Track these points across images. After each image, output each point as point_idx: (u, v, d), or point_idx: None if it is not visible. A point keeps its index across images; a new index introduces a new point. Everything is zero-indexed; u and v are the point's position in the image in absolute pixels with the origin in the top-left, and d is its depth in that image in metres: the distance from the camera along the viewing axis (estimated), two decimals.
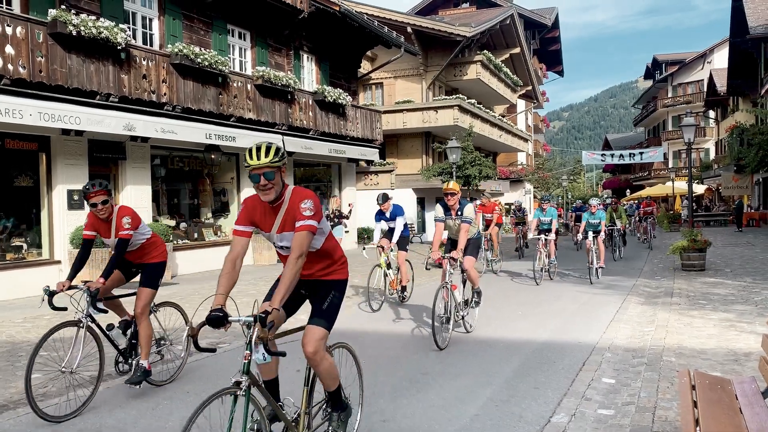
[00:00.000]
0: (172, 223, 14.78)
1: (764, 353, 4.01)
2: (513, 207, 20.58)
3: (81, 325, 4.83)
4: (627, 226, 19.42)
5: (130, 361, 5.25)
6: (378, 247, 9.78)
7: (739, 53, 29.89)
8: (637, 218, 24.99)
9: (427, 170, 23.17)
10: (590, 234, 12.99)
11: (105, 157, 12.77)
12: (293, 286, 3.34)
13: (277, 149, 3.42)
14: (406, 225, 9.93)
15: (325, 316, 3.65)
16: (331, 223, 15.37)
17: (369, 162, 22.49)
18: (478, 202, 15.59)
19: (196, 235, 15.45)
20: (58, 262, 11.78)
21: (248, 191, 16.58)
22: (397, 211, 9.89)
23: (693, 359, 6.22)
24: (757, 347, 6.62)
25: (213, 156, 15.22)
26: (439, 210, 7.48)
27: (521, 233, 18.83)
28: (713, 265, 14.10)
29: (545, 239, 12.56)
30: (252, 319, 3.05)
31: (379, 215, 10.05)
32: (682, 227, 24.24)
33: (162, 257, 5.51)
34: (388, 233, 10.00)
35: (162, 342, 5.68)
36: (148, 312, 5.27)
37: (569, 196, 53.46)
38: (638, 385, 5.42)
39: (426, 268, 8.35)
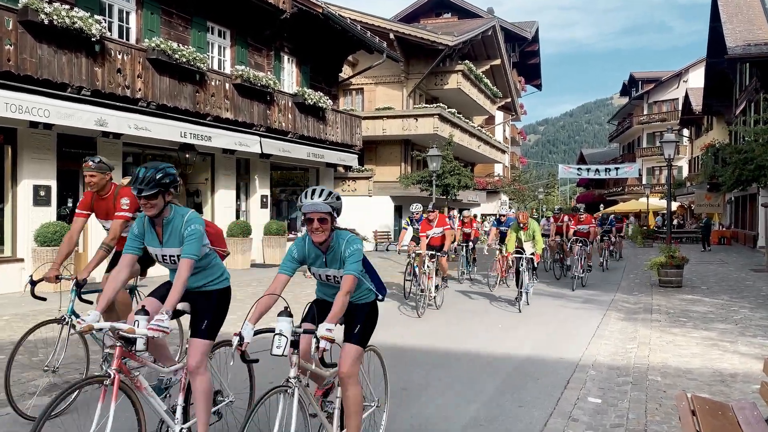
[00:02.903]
0: None
1: (766, 378, 3.84)
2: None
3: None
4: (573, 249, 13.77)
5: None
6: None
7: (716, 73, 30.33)
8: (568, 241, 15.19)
9: (405, 178, 22.97)
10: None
11: (74, 153, 12.26)
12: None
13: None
14: None
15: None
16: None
17: (347, 168, 22.20)
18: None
19: None
20: (21, 260, 11.25)
21: (223, 192, 16.17)
22: None
23: (679, 379, 6.07)
24: (742, 368, 6.51)
25: (187, 155, 14.79)
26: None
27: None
28: (689, 282, 14.10)
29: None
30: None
31: None
32: (660, 243, 24.37)
33: None
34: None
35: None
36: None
37: (544, 209, 53.75)
38: (625, 405, 5.24)
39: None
